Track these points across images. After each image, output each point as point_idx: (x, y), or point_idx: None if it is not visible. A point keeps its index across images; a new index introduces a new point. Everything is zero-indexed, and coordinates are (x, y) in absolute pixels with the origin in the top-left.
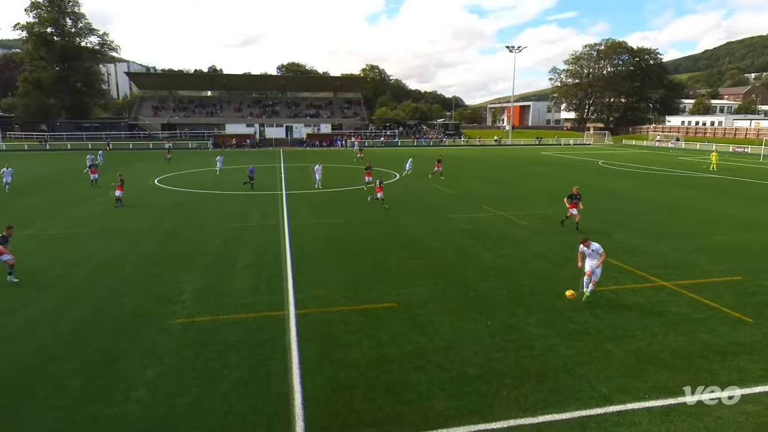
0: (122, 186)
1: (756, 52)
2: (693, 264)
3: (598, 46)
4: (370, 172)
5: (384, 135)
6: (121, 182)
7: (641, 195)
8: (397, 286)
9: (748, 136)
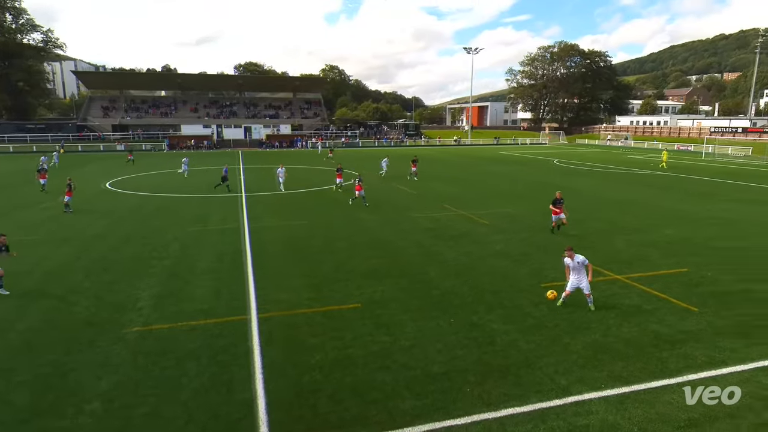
0: (71, 191)
1: (697, 55)
2: (643, 258)
3: (552, 49)
4: (341, 173)
5: (345, 136)
6: (70, 187)
7: (595, 192)
8: (360, 286)
9: (691, 135)
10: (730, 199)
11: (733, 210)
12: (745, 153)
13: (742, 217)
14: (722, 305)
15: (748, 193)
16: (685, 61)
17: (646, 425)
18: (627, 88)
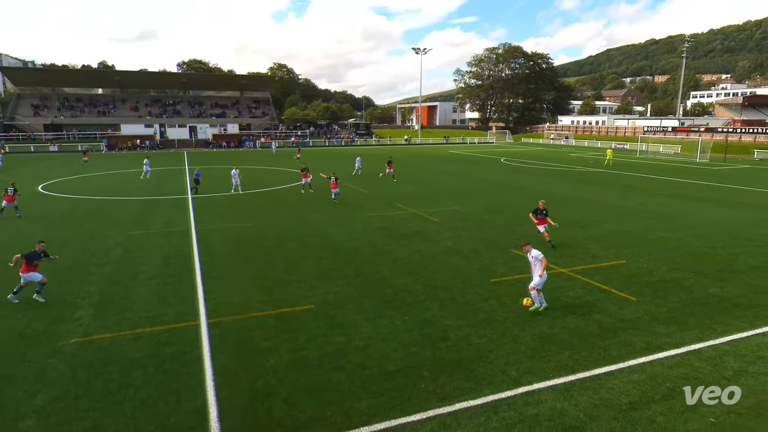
0: (11, 196)
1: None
2: (585, 251)
3: (497, 50)
4: (308, 173)
5: (295, 135)
6: (7, 192)
7: (540, 189)
8: (313, 287)
9: (626, 134)
10: (662, 194)
11: (665, 204)
12: (674, 151)
13: (673, 210)
14: (657, 294)
15: (679, 189)
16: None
17: (592, 410)
18: (568, 89)
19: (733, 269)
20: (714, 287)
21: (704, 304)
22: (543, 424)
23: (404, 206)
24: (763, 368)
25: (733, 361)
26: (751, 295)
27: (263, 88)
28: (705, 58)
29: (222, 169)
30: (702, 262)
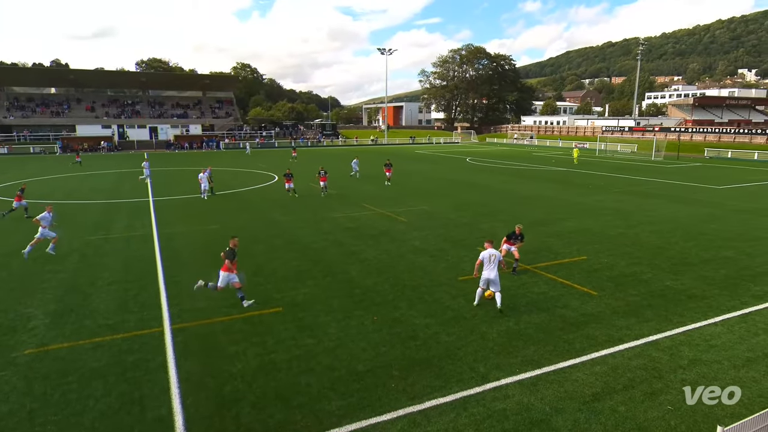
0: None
1: (589, 60)
2: (548, 248)
3: (461, 51)
4: (291, 178)
5: (260, 136)
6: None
7: (504, 188)
8: (281, 289)
9: (586, 134)
10: (620, 192)
11: (623, 201)
12: (631, 149)
13: (631, 207)
14: (617, 288)
15: (635, 186)
16: (579, 65)
17: (557, 403)
18: (530, 90)
19: (686, 262)
20: (670, 280)
21: (661, 297)
22: (510, 419)
23: (371, 206)
24: (716, 356)
25: (688, 351)
26: (703, 287)
27: (227, 88)
28: (658, 61)
29: (184, 171)
30: (658, 256)
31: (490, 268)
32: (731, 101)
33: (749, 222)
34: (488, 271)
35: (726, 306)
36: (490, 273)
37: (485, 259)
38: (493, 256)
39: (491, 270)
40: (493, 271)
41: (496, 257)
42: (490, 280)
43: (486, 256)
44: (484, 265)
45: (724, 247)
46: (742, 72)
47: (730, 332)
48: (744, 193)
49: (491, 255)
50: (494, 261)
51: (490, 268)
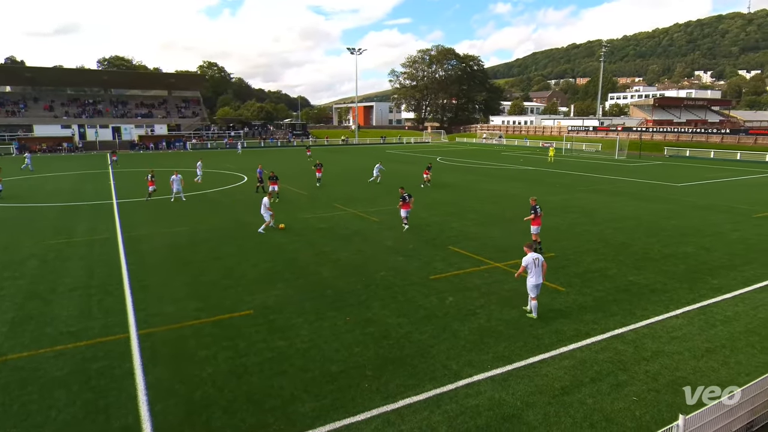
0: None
1: (555, 61)
2: (518, 245)
3: (430, 52)
4: (277, 181)
5: (228, 136)
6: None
7: (474, 186)
8: (252, 292)
9: (552, 133)
10: (586, 190)
11: (588, 199)
12: (596, 149)
13: (595, 205)
14: (584, 284)
15: (600, 184)
16: (545, 66)
17: (528, 398)
18: (498, 91)
19: (649, 258)
20: (633, 275)
21: (625, 291)
22: (483, 414)
23: (343, 207)
24: (677, 348)
25: (651, 343)
26: (665, 281)
27: (193, 87)
28: (620, 62)
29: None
30: (622, 252)
31: (537, 273)
32: (689, 102)
33: (707, 218)
34: (535, 277)
35: (686, 299)
36: (538, 278)
37: (530, 264)
38: (537, 260)
39: (538, 275)
40: (540, 276)
41: (539, 260)
42: (539, 285)
43: (530, 261)
44: (530, 271)
45: (684, 242)
46: (698, 74)
47: (690, 324)
48: (702, 190)
49: (535, 259)
50: (539, 265)
51: (536, 273)
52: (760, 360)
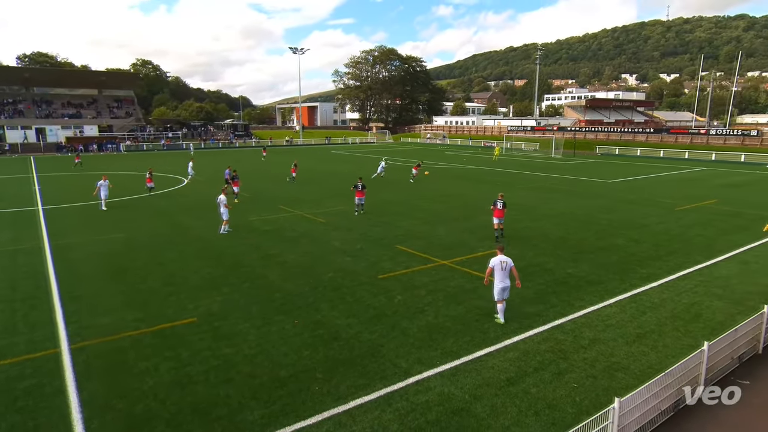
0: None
1: (494, 64)
2: (463, 243)
3: (374, 53)
4: (238, 181)
5: (165, 137)
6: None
7: (420, 186)
8: (195, 298)
9: (493, 133)
10: (525, 188)
11: (528, 197)
12: (534, 148)
13: (534, 202)
14: (526, 277)
15: (538, 182)
16: (485, 68)
17: (476, 390)
18: (441, 91)
19: (584, 250)
20: (571, 268)
21: (564, 284)
22: (433, 410)
23: (289, 208)
24: (612, 335)
25: (588, 332)
26: (599, 272)
27: (126, 86)
28: (554, 65)
29: (82, 176)
30: (560, 246)
31: (504, 276)
32: (617, 103)
33: (635, 211)
34: (502, 280)
35: (618, 289)
36: (505, 281)
37: (496, 267)
38: (505, 263)
39: (505, 278)
40: (507, 278)
41: (507, 264)
42: (506, 288)
43: (496, 263)
44: (496, 274)
45: (616, 235)
46: (624, 77)
47: (623, 312)
48: (630, 186)
49: (502, 262)
50: (506, 268)
51: (503, 276)
52: (685, 343)
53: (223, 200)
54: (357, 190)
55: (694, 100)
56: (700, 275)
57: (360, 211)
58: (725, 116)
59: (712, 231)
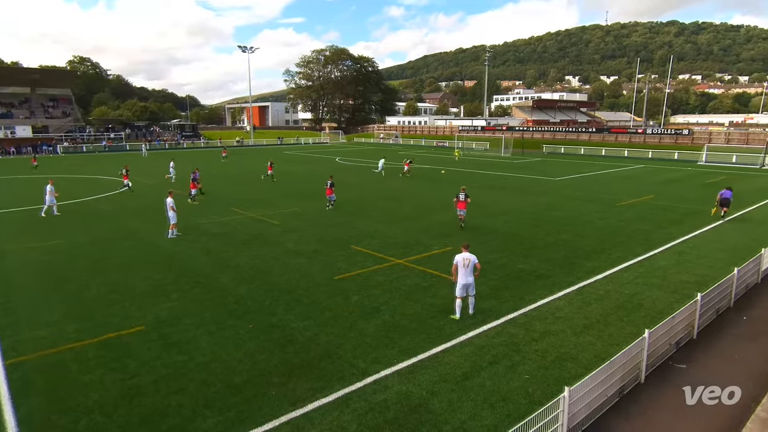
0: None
1: (445, 65)
2: (418, 242)
3: (325, 52)
4: (196, 183)
5: (107, 138)
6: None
7: (375, 186)
8: (142, 306)
9: (445, 133)
10: (477, 186)
11: (480, 195)
12: (485, 147)
13: (486, 200)
14: (480, 274)
15: (489, 180)
16: (436, 69)
17: (432, 386)
18: (393, 92)
19: (534, 246)
20: (522, 263)
21: (516, 279)
22: (391, 408)
23: (241, 210)
24: (561, 327)
25: (539, 324)
26: (548, 267)
27: (62, 84)
28: (503, 66)
29: (15, 180)
30: (511, 243)
31: (467, 273)
32: (561, 104)
33: (580, 208)
34: (464, 277)
35: (566, 282)
36: (468, 278)
37: (460, 264)
38: (468, 260)
39: (467, 275)
40: (470, 275)
41: (471, 261)
42: (468, 285)
43: (460, 260)
44: (459, 270)
45: (563, 231)
46: (568, 78)
47: (570, 304)
48: (575, 184)
49: (465, 259)
50: (469, 265)
51: (465, 273)
52: (628, 331)
53: (170, 203)
54: (327, 187)
55: (632, 101)
56: (641, 267)
57: (330, 206)
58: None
59: (650, 225)
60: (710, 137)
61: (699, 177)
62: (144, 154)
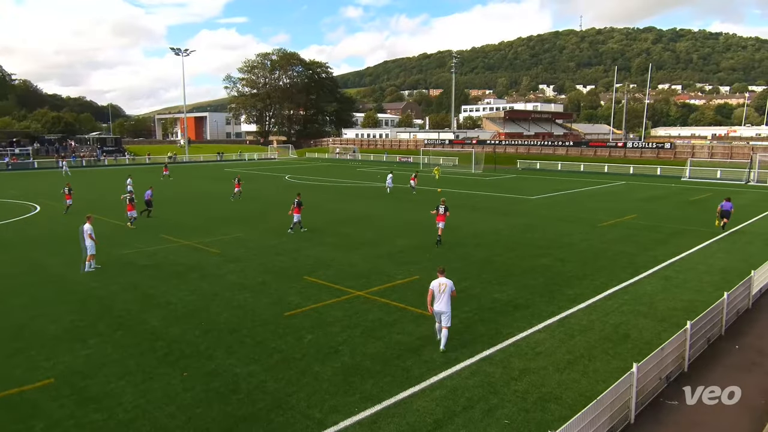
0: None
1: (407, 71)
2: (380, 270)
3: (272, 56)
4: (133, 204)
5: (10, 154)
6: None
7: (330, 207)
8: (52, 354)
9: (409, 147)
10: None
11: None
12: (453, 162)
13: (457, 222)
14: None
15: (460, 200)
16: (398, 76)
17: None
18: (350, 101)
19: (510, 273)
20: (497, 292)
21: (490, 310)
22: None
23: (174, 238)
24: (542, 363)
25: (518, 361)
26: (526, 296)
27: None
28: (471, 74)
29: None
30: (485, 269)
31: (442, 300)
32: (536, 115)
33: (560, 229)
34: (438, 304)
35: (546, 312)
36: (441, 305)
37: (436, 290)
38: (443, 285)
39: (442, 302)
40: (446, 303)
41: (447, 286)
42: (442, 313)
43: (435, 286)
44: (435, 297)
45: (541, 255)
46: (542, 87)
47: (552, 337)
48: (553, 202)
49: (440, 284)
50: (445, 291)
51: (441, 301)
52: (615, 365)
53: (87, 229)
54: (294, 207)
55: (611, 113)
56: (626, 293)
57: (297, 228)
58: (640, 129)
59: (634, 247)
60: (693, 151)
61: (683, 194)
62: (65, 172)
